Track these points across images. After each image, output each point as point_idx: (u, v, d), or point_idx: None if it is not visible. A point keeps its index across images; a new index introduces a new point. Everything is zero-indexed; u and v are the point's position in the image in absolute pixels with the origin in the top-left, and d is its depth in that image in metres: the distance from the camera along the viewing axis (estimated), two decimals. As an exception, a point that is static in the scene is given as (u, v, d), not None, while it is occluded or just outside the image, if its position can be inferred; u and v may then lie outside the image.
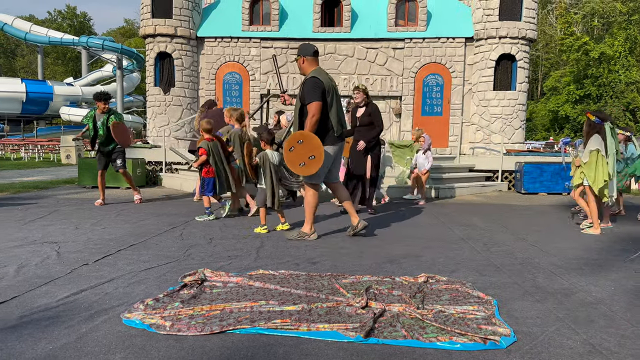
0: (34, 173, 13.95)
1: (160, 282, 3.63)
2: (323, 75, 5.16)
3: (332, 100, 5.15)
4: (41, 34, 35.90)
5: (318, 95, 5.03)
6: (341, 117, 5.29)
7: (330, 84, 5.18)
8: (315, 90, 5.04)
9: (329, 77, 5.25)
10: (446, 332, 2.73)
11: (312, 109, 5.04)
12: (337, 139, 5.26)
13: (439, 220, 6.88)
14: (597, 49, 30.96)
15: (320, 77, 5.10)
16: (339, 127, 5.24)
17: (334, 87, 5.25)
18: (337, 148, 5.34)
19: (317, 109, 5.03)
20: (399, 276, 3.87)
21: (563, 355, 2.49)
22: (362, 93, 7.21)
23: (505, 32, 12.74)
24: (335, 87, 5.30)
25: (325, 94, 5.09)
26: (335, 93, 5.24)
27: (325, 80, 5.13)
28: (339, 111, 5.25)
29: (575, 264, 4.45)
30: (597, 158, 6.01)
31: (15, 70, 56.76)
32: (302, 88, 5.18)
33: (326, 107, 5.13)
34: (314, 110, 5.03)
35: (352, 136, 7.27)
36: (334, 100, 5.18)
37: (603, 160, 5.99)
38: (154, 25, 13.32)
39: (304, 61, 5.31)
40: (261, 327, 2.74)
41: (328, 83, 5.15)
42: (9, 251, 4.53)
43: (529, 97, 25.22)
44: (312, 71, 5.22)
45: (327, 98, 5.11)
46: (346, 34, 13.53)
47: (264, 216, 5.82)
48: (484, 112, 13.16)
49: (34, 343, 2.53)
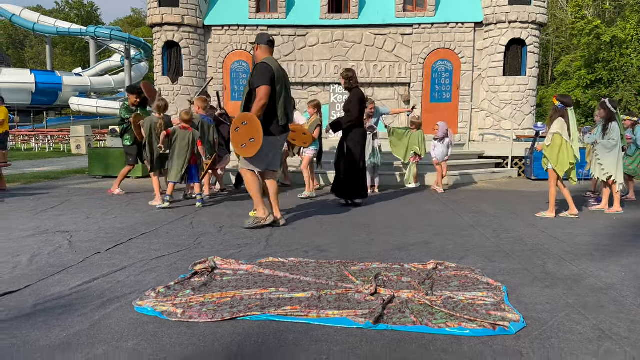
0: (45, 163, 14.07)
1: (172, 270, 3.67)
2: (274, 64, 5.16)
3: (281, 89, 5.15)
4: (49, 24, 35.98)
5: (267, 80, 5.01)
6: (288, 108, 5.26)
7: (281, 73, 5.18)
8: (265, 74, 5.03)
9: (280, 67, 5.24)
10: (455, 318, 2.74)
11: (260, 93, 5.02)
12: (280, 129, 5.26)
13: (448, 207, 6.87)
14: (609, 33, 30.48)
15: (271, 64, 5.11)
16: (284, 118, 5.22)
17: (285, 78, 5.25)
18: (280, 138, 5.32)
19: (265, 93, 5.01)
20: (408, 263, 3.88)
21: (573, 341, 2.49)
22: (343, 79, 6.83)
23: (515, 17, 12.58)
24: (286, 77, 5.29)
25: (275, 81, 5.08)
26: (286, 84, 5.24)
27: (276, 69, 5.13)
28: (287, 102, 5.24)
29: (585, 250, 4.43)
30: (561, 142, 6.08)
31: (24, 61, 57.01)
32: (252, 73, 5.20)
33: (274, 95, 5.12)
34: (262, 94, 5.01)
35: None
36: (283, 90, 5.18)
37: (566, 143, 6.04)
38: (161, 14, 13.30)
39: (258, 48, 5.35)
40: (271, 314, 2.77)
41: (278, 72, 5.15)
42: (21, 241, 4.59)
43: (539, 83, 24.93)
44: (264, 59, 5.23)
45: (275, 86, 5.10)
46: (354, 20, 13.43)
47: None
48: (493, 98, 13.04)
49: (48, 330, 2.57)
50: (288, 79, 5.36)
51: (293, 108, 5.48)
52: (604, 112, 6.68)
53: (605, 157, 6.64)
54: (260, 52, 5.30)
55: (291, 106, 5.42)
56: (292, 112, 5.41)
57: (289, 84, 5.35)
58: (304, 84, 13.82)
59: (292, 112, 5.43)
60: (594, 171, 6.92)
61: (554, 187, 6.24)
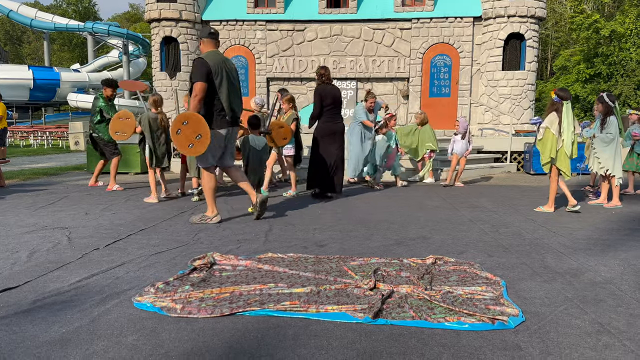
0: (43, 160, 14.05)
1: (170, 266, 3.67)
2: (213, 57, 5.09)
3: (221, 82, 5.07)
4: (47, 20, 35.81)
5: (202, 76, 4.98)
6: (233, 101, 5.19)
7: (221, 65, 5.09)
8: (200, 70, 5.00)
9: (222, 60, 5.16)
10: (454, 312, 2.74)
11: (195, 89, 5.00)
12: (226, 122, 5.19)
13: (447, 202, 6.87)
14: (608, 27, 30.42)
15: (208, 59, 5.05)
16: (228, 111, 5.15)
17: (228, 70, 5.15)
18: (228, 132, 5.25)
19: (199, 89, 4.98)
20: (407, 258, 3.88)
21: (571, 335, 2.50)
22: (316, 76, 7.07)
23: (514, 11, 12.55)
24: (229, 70, 5.19)
25: (213, 75, 5.02)
26: (228, 76, 5.15)
27: (214, 62, 5.05)
28: (231, 94, 5.16)
29: (584, 244, 4.43)
30: (550, 136, 6.07)
31: (21, 57, 56.82)
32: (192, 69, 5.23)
33: (214, 89, 5.07)
34: (197, 90, 4.99)
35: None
36: (224, 83, 5.09)
37: (553, 137, 6.02)
38: (158, 9, 13.25)
39: (201, 43, 5.33)
40: (270, 309, 2.77)
41: (218, 65, 5.06)
42: (20, 237, 4.59)
43: (538, 77, 24.97)
44: (204, 53, 5.21)
45: (214, 80, 5.04)
46: (352, 15, 13.39)
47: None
48: (492, 92, 13.03)
49: (48, 326, 2.57)
50: (233, 72, 5.25)
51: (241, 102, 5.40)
52: (602, 106, 6.68)
53: (603, 151, 6.64)
54: (204, 46, 5.29)
55: (238, 99, 5.30)
56: (238, 105, 5.29)
57: (234, 77, 5.26)
58: (303, 79, 13.79)
59: (239, 105, 5.33)
60: (592, 165, 6.92)
61: (554, 182, 6.24)
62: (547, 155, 6.09)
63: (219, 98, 5.10)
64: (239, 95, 5.34)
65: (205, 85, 4.98)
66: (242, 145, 6.16)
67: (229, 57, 13.71)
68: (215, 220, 5.31)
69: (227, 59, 5.30)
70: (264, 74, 13.76)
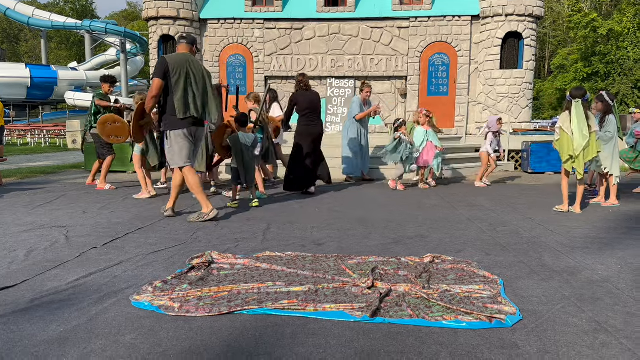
0: (41, 158, 14.02)
1: (168, 265, 3.67)
2: (175, 57, 5.19)
3: (177, 81, 5.10)
4: (44, 18, 35.74)
5: (158, 73, 5.08)
6: (190, 101, 5.18)
7: (182, 65, 5.14)
8: (157, 68, 5.12)
9: (186, 60, 5.20)
10: (452, 311, 2.75)
11: (152, 86, 5.14)
12: (183, 122, 5.18)
13: (445, 201, 6.88)
14: (606, 26, 30.47)
15: (169, 58, 5.15)
16: (180, 111, 5.14)
17: (191, 71, 5.19)
18: (187, 132, 5.22)
19: (155, 86, 5.08)
20: (405, 257, 3.88)
21: (569, 333, 2.50)
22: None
23: (511, 10, 12.56)
24: (194, 71, 5.21)
25: (170, 73, 5.08)
26: (188, 76, 5.17)
27: (174, 62, 5.12)
28: (187, 95, 5.17)
29: (582, 243, 4.44)
30: (562, 135, 6.06)
31: (19, 55, 56.68)
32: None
33: (170, 87, 5.12)
34: (152, 86, 5.11)
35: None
36: (180, 82, 5.11)
37: (566, 136, 6.02)
38: (156, 7, 13.23)
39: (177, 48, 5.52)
40: (269, 308, 2.77)
41: (178, 64, 5.12)
42: (18, 236, 4.58)
43: (535, 76, 24.92)
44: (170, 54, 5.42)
45: (171, 78, 5.08)
46: (350, 13, 13.38)
47: (235, 192, 6.41)
48: (490, 91, 13.04)
49: (46, 325, 2.57)
50: (196, 72, 5.24)
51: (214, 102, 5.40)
52: (602, 105, 6.68)
53: (601, 149, 6.65)
54: (177, 49, 5.46)
55: (199, 99, 5.26)
56: (198, 105, 5.25)
57: (197, 77, 5.24)
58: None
59: (204, 106, 5.31)
60: (590, 164, 6.93)
61: (564, 180, 6.22)
62: (565, 154, 6.05)
63: (173, 97, 5.14)
64: (203, 97, 5.30)
65: (161, 82, 5.07)
66: (233, 143, 6.18)
67: (228, 55, 13.74)
68: (212, 215, 5.29)
69: (195, 62, 5.32)
70: (262, 72, 13.75)
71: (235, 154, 6.24)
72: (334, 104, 13.52)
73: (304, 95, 7.36)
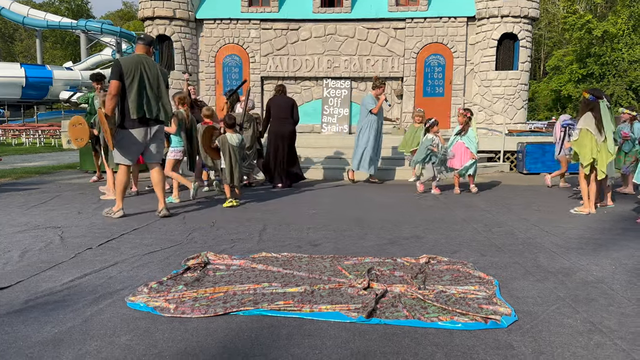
0: (36, 158, 13.96)
1: (164, 266, 3.66)
2: (129, 59, 5.39)
3: (132, 82, 5.29)
4: (39, 17, 35.57)
5: (114, 75, 5.31)
6: (144, 102, 5.38)
7: (136, 67, 5.33)
8: (113, 70, 5.35)
9: (140, 62, 5.38)
10: (447, 312, 2.75)
11: (109, 88, 5.35)
12: (136, 122, 5.39)
13: (441, 202, 6.89)
14: (600, 27, 30.60)
15: (123, 60, 5.35)
16: (134, 111, 5.32)
17: (145, 72, 5.37)
18: (142, 132, 5.46)
19: (112, 87, 5.29)
20: (401, 257, 3.89)
21: (563, 334, 2.52)
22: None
23: (507, 11, 12.59)
24: (148, 73, 5.40)
25: (124, 75, 5.27)
26: (142, 78, 5.36)
27: (128, 63, 5.32)
28: (142, 96, 5.36)
29: (577, 244, 4.46)
30: (588, 137, 5.97)
31: (14, 54, 56.40)
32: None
33: (125, 89, 5.31)
34: (110, 88, 5.33)
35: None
36: (134, 84, 5.30)
37: (593, 138, 5.95)
38: (152, 7, 13.19)
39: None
40: (264, 309, 2.77)
41: (132, 66, 5.31)
42: (12, 236, 4.56)
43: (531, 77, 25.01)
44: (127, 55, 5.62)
45: (125, 80, 5.28)
46: (346, 14, 13.38)
47: (229, 191, 6.48)
48: (485, 92, 13.08)
49: (40, 327, 2.56)
50: (150, 73, 5.42)
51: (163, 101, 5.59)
52: None
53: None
54: (135, 50, 5.67)
55: (153, 100, 5.45)
56: (152, 106, 5.44)
57: (151, 78, 5.42)
58: (297, 78, 13.77)
59: (156, 106, 5.48)
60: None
61: (584, 182, 6.14)
62: (588, 157, 5.95)
63: (127, 97, 5.35)
64: (156, 97, 5.49)
65: (118, 82, 5.28)
66: (222, 145, 6.40)
67: (224, 56, 13.71)
68: (118, 215, 5.52)
69: (149, 63, 5.49)
70: (258, 72, 13.73)
71: (223, 154, 6.41)
72: (330, 105, 13.51)
73: (275, 100, 8.36)
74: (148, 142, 5.56)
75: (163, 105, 5.53)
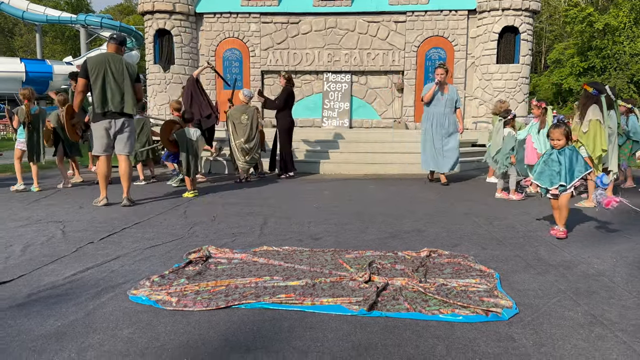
0: (37, 153, 13.93)
1: (166, 260, 3.67)
2: (95, 57, 5.77)
3: (96, 79, 5.66)
4: (39, 12, 35.43)
5: (81, 74, 5.72)
6: (108, 97, 5.72)
7: (101, 64, 5.69)
8: (81, 69, 5.75)
9: (106, 60, 5.72)
10: (448, 304, 2.76)
11: (77, 85, 5.81)
12: (99, 115, 5.77)
13: (442, 196, 6.89)
14: (602, 20, 30.47)
15: (89, 58, 5.76)
16: (98, 105, 5.70)
17: (107, 69, 5.70)
18: (105, 124, 5.81)
19: (78, 84, 5.77)
20: (402, 251, 3.90)
21: (564, 327, 2.52)
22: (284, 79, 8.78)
23: (508, 4, 12.53)
24: (113, 69, 5.72)
25: (89, 73, 5.66)
26: (106, 74, 5.70)
27: (94, 61, 5.72)
28: (104, 91, 5.70)
29: (578, 237, 4.47)
30: (597, 128, 5.95)
31: (13, 49, 56.23)
32: None
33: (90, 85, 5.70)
34: (77, 85, 5.80)
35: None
36: (98, 81, 5.67)
37: (602, 130, 5.94)
38: (152, 1, 13.14)
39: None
40: (266, 302, 2.78)
41: (97, 64, 5.69)
42: (14, 231, 4.57)
43: (532, 70, 24.91)
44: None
45: (90, 77, 5.66)
46: (347, 7, 13.33)
47: (189, 183, 6.78)
48: (486, 86, 13.04)
49: (43, 320, 2.57)
50: (115, 70, 5.73)
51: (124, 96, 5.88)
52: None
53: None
54: (107, 49, 6.04)
55: (118, 94, 5.75)
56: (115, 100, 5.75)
57: (116, 74, 5.74)
58: (297, 72, 13.73)
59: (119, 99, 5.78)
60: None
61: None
62: (598, 148, 5.92)
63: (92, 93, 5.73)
64: (120, 92, 5.79)
65: (83, 80, 5.69)
66: (179, 138, 6.73)
67: (224, 50, 13.67)
68: (102, 204, 5.87)
69: (115, 60, 5.81)
70: (258, 66, 13.70)
71: (180, 147, 6.75)
72: (330, 99, 13.49)
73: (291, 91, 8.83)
74: (115, 134, 5.88)
75: (129, 99, 5.84)
